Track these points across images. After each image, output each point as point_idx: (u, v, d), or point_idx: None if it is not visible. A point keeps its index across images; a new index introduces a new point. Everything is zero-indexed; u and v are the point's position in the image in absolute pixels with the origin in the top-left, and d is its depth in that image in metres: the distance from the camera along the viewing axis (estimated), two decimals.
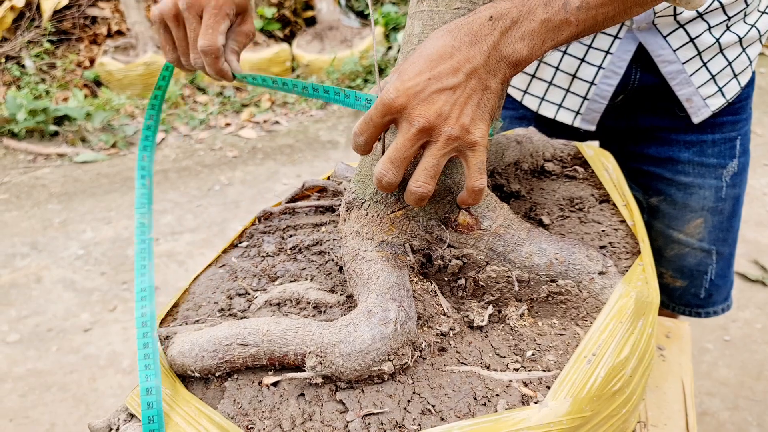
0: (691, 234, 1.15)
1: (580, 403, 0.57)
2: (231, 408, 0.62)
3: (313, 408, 0.60)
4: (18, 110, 3.56)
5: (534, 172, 0.93)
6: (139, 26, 4.36)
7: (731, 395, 1.94)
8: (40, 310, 2.38)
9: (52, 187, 3.28)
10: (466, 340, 0.67)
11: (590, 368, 0.59)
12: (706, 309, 1.24)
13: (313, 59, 4.49)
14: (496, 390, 0.60)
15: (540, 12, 0.60)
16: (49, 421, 1.91)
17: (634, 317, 0.64)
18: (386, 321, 0.61)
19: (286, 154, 3.64)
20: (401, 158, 0.61)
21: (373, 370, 0.60)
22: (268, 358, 0.63)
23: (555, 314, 0.69)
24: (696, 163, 1.09)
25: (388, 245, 0.70)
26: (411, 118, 0.59)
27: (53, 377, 2.08)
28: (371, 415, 0.58)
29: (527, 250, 0.70)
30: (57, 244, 2.78)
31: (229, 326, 0.65)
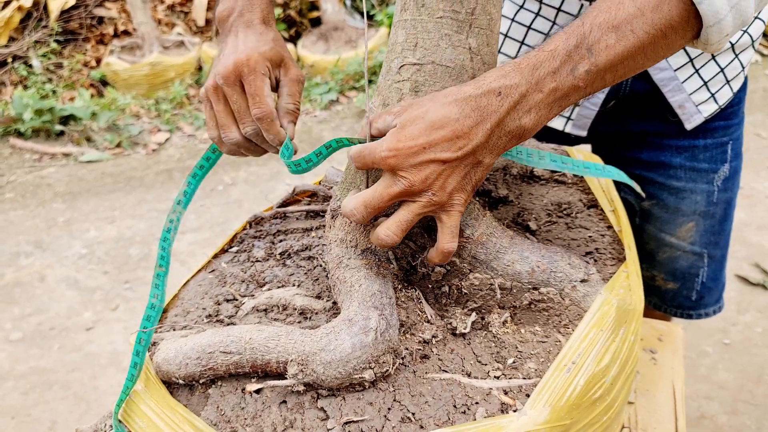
0: (682, 237, 1.15)
1: (560, 412, 0.58)
2: (214, 415, 0.63)
3: (294, 415, 0.61)
4: (24, 110, 3.59)
5: (523, 177, 0.93)
6: (145, 26, 4.39)
7: (730, 399, 1.94)
8: (43, 308, 2.40)
9: (57, 187, 3.31)
10: (449, 347, 0.68)
11: (570, 376, 0.59)
12: (698, 311, 1.25)
13: (318, 60, 4.50)
14: (476, 398, 0.60)
15: (548, 82, 0.60)
16: (50, 419, 1.93)
17: (615, 325, 0.64)
18: (367, 329, 0.61)
19: None
20: (376, 206, 0.63)
21: (353, 378, 0.61)
22: (250, 365, 0.64)
23: (538, 321, 0.70)
24: (688, 168, 1.10)
25: (372, 253, 0.71)
26: (397, 178, 0.61)
27: (55, 375, 2.10)
28: (351, 423, 0.59)
29: (509, 258, 0.70)
30: (61, 243, 2.81)
31: (213, 334, 0.66)
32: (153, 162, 3.57)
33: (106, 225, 2.95)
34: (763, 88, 4.48)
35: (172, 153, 3.68)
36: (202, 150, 3.70)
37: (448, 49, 0.69)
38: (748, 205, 3.00)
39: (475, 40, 0.69)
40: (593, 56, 0.60)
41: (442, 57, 0.69)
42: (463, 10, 0.67)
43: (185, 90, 4.26)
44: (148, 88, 4.29)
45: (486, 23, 0.69)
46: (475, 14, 0.68)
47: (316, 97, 4.32)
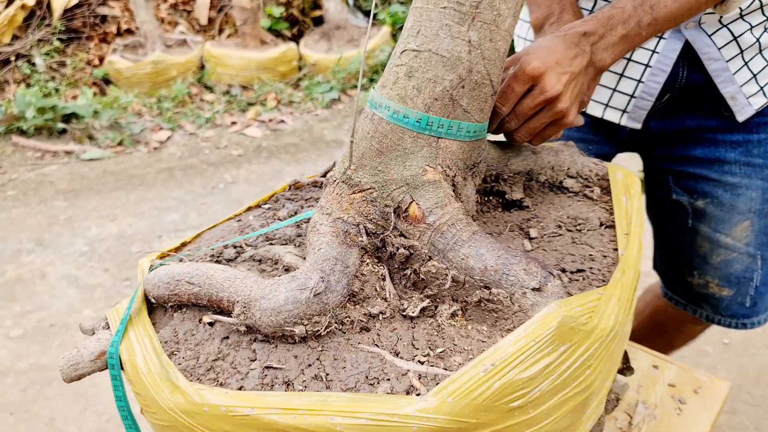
0: (738, 238, 1.13)
1: (463, 408, 0.57)
2: (169, 335, 0.71)
3: (229, 350, 0.68)
4: (27, 108, 3.60)
5: (552, 186, 0.92)
6: (147, 25, 4.40)
7: (729, 399, 1.93)
8: (44, 305, 2.41)
9: (59, 184, 3.32)
10: (392, 327, 0.70)
11: (485, 377, 0.58)
12: (752, 319, 1.22)
13: (320, 58, 4.50)
14: (389, 375, 0.62)
15: (620, 29, 0.80)
16: (49, 415, 1.94)
17: (555, 340, 0.60)
18: (303, 287, 0.66)
19: (291, 153, 3.66)
20: (524, 114, 0.80)
21: (285, 330, 0.66)
22: (207, 299, 0.71)
23: (486, 321, 0.69)
24: (742, 163, 1.10)
25: (343, 222, 0.74)
26: (544, 85, 0.77)
27: (55, 372, 2.10)
28: (271, 368, 0.64)
29: (465, 252, 0.70)
30: (62, 241, 2.82)
31: (186, 265, 0.73)
32: (154, 160, 3.58)
33: (108, 223, 2.96)
34: None
35: (174, 151, 3.69)
36: (204, 148, 3.71)
37: (446, 39, 0.70)
38: None
39: (477, 34, 0.70)
40: (654, 12, 0.80)
41: (439, 46, 0.70)
42: (468, 3, 0.68)
43: (187, 88, 4.27)
44: (151, 87, 4.30)
45: (491, 18, 0.69)
46: (480, 8, 0.69)
47: (317, 95, 4.33)
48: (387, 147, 0.74)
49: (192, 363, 0.67)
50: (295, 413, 0.57)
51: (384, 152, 0.74)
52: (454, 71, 0.71)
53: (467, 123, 0.74)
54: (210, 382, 0.64)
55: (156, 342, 0.69)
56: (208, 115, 4.05)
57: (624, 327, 0.73)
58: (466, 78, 0.71)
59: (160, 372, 0.65)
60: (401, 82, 0.73)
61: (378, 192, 0.74)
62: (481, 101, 0.74)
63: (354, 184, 0.75)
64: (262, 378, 0.63)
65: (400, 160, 0.74)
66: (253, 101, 4.26)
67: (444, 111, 0.73)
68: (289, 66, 4.54)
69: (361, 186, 0.74)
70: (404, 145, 0.74)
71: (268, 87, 4.33)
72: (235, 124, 3.99)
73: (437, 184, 0.74)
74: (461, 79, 0.71)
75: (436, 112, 0.73)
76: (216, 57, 4.41)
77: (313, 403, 0.57)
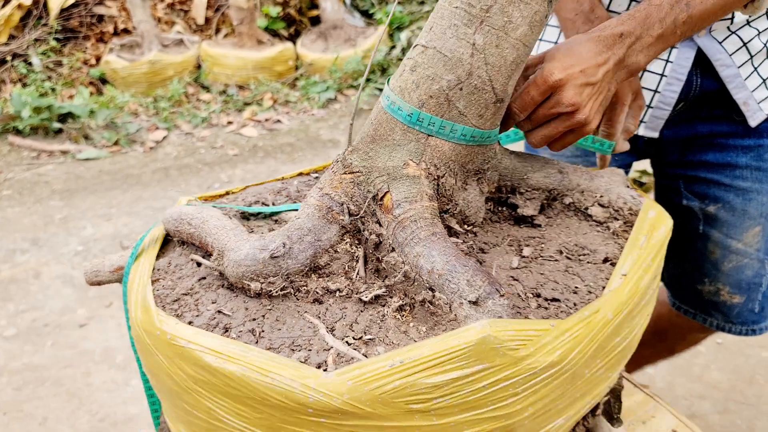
0: (749, 243, 1.14)
1: (361, 394, 0.57)
2: (163, 264, 0.79)
3: (200, 289, 0.74)
4: (23, 107, 3.60)
5: (577, 210, 0.89)
6: (144, 25, 4.40)
7: (722, 399, 1.94)
8: (38, 305, 2.41)
9: (55, 184, 3.31)
10: (343, 305, 0.72)
11: (389, 371, 0.58)
12: (760, 325, 1.22)
13: (317, 58, 4.50)
14: (313, 347, 0.65)
15: (656, 28, 0.78)
16: (42, 415, 1.93)
17: (471, 356, 0.59)
18: (264, 248, 0.70)
19: (287, 152, 3.66)
20: (539, 120, 0.79)
21: (244, 282, 0.70)
22: (199, 241, 0.77)
23: (427, 322, 0.69)
24: (754, 168, 1.10)
25: (330, 199, 0.77)
26: (562, 99, 0.76)
27: (48, 372, 2.10)
28: (221, 313, 0.69)
29: (418, 251, 0.70)
30: (57, 240, 2.82)
31: (194, 208, 0.80)
32: (150, 160, 3.58)
33: (103, 222, 2.96)
34: None
35: (170, 151, 3.69)
36: (199, 148, 3.71)
37: (451, 39, 0.70)
38: None
39: (483, 38, 0.69)
40: (690, 9, 0.78)
41: (443, 45, 0.70)
42: (479, 6, 0.68)
43: (183, 88, 4.27)
44: (147, 86, 4.30)
45: (501, 24, 0.69)
46: (490, 12, 0.68)
47: (314, 95, 4.33)
48: (380, 135, 0.76)
49: (166, 292, 0.74)
50: (217, 356, 0.62)
51: (376, 140, 0.76)
52: (453, 72, 0.70)
53: (462, 126, 0.73)
54: (170, 312, 0.70)
55: (150, 268, 0.77)
56: (204, 114, 4.05)
57: (588, 369, 0.70)
58: (465, 80, 0.71)
59: (142, 293, 0.73)
60: (405, 75, 0.74)
61: (364, 176, 0.77)
62: (480, 107, 0.73)
63: (346, 165, 0.77)
64: (211, 320, 0.68)
65: (388, 149, 0.75)
66: (249, 101, 4.25)
67: (438, 110, 0.73)
68: (286, 66, 4.54)
69: (352, 168, 0.77)
70: (394, 136, 0.75)
71: (264, 87, 4.33)
72: (231, 124, 3.99)
73: (415, 180, 0.74)
74: (459, 80, 0.71)
75: (429, 110, 0.73)
76: (213, 57, 4.40)
77: (235, 352, 0.62)
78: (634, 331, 0.80)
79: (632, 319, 0.77)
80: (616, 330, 0.73)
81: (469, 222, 0.84)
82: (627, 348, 0.80)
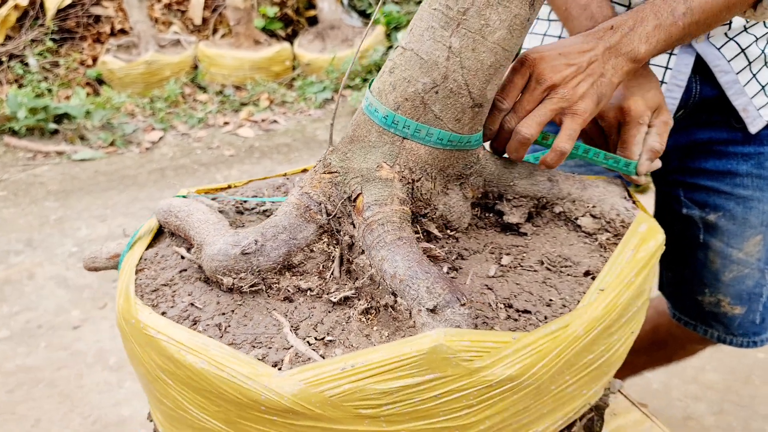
0: (750, 253, 1.12)
1: (310, 396, 0.58)
2: (150, 254, 0.80)
3: (179, 281, 0.74)
4: (19, 108, 3.59)
5: (567, 220, 0.86)
6: (141, 25, 4.39)
7: (717, 399, 1.93)
8: (31, 306, 2.40)
9: (50, 185, 3.31)
10: (312, 305, 0.72)
11: (340, 374, 0.58)
12: (761, 336, 1.20)
13: (314, 58, 4.49)
14: (274, 345, 0.65)
15: (652, 19, 0.78)
16: (35, 417, 1.93)
17: (423, 365, 0.58)
18: (236, 244, 0.71)
19: (283, 153, 3.65)
20: (523, 110, 0.77)
21: (217, 277, 0.71)
22: (183, 233, 0.78)
23: (389, 327, 0.68)
24: (754, 176, 1.09)
25: (308, 198, 0.76)
26: (539, 74, 0.75)
27: (42, 373, 2.09)
28: (193, 306, 0.70)
29: (383, 254, 0.69)
30: (52, 241, 2.81)
31: (183, 201, 0.81)
32: (146, 160, 3.58)
33: (98, 223, 2.95)
34: None
35: (166, 151, 3.68)
36: (196, 148, 3.70)
37: (428, 41, 0.69)
38: None
39: (459, 41, 0.68)
40: (688, 2, 0.78)
41: (420, 47, 0.69)
42: (456, 8, 0.67)
43: (180, 89, 4.26)
44: (144, 87, 4.29)
45: (477, 27, 0.67)
46: (466, 15, 0.67)
47: (310, 95, 4.32)
48: (357, 136, 0.75)
49: (148, 282, 0.75)
50: (180, 347, 0.63)
51: (354, 141, 0.76)
52: (428, 75, 0.69)
53: (438, 130, 0.73)
54: (148, 301, 0.71)
55: (138, 255, 0.79)
56: (200, 115, 4.04)
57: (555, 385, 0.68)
58: (440, 84, 0.70)
59: (127, 282, 0.74)
60: (384, 77, 0.73)
61: (341, 177, 0.76)
62: (457, 111, 0.72)
63: (326, 165, 0.78)
64: (183, 311, 0.69)
65: (363, 151, 0.75)
66: (246, 101, 4.25)
67: (413, 113, 0.72)
68: (283, 66, 4.53)
69: (331, 168, 0.77)
70: (370, 138, 0.74)
71: (261, 87, 4.32)
72: (228, 125, 3.98)
73: (387, 183, 0.74)
74: (435, 84, 0.70)
75: (404, 112, 0.72)
76: (209, 57, 4.40)
77: (197, 345, 0.63)
78: (613, 347, 0.77)
79: (610, 335, 0.74)
80: (588, 346, 0.71)
81: (452, 227, 0.83)
82: (605, 365, 0.77)
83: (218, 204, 0.88)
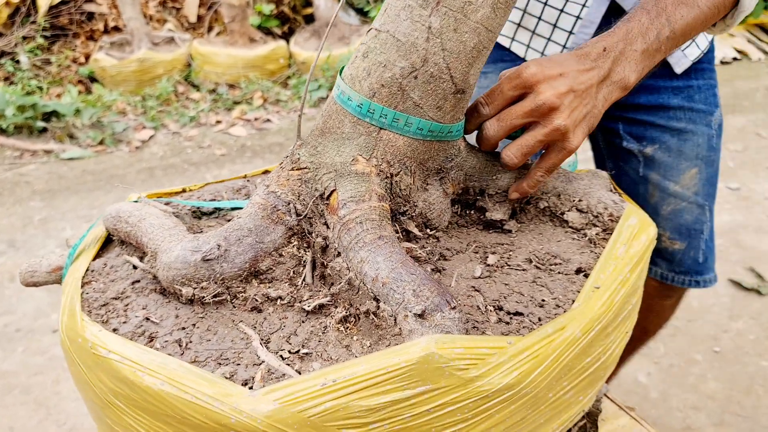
0: (686, 186, 1.14)
1: (287, 417, 0.52)
2: (98, 266, 0.73)
3: (131, 294, 0.68)
4: (7, 106, 3.53)
5: (552, 216, 0.82)
6: (134, 22, 4.32)
7: (718, 410, 1.85)
8: (10, 309, 2.33)
9: (36, 184, 3.24)
10: (284, 315, 0.66)
11: (320, 391, 0.52)
12: (704, 276, 1.22)
13: (310, 56, 4.42)
14: (243, 360, 0.59)
15: (640, 43, 0.75)
16: (8, 425, 1.86)
17: (413, 376, 0.53)
18: (195, 250, 0.65)
19: (275, 152, 3.58)
20: (508, 121, 0.72)
21: (174, 287, 0.65)
22: (135, 241, 0.72)
23: (372, 336, 0.61)
24: (686, 109, 1.12)
25: (275, 197, 0.70)
26: (537, 93, 0.69)
27: (17, 379, 2.03)
28: (149, 321, 0.64)
29: (362, 256, 0.64)
30: (35, 242, 2.74)
31: (133, 205, 0.74)
32: (135, 160, 3.51)
33: (83, 224, 2.88)
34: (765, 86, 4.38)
35: (156, 150, 3.61)
36: (186, 147, 3.63)
37: (405, 21, 0.63)
38: (746, 206, 2.90)
39: (439, 21, 0.62)
40: (671, 24, 0.77)
41: (396, 29, 0.63)
42: (426, 12, 0.61)
43: (173, 87, 4.20)
44: (136, 85, 4.22)
45: (459, 6, 0.62)
46: None
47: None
48: (329, 128, 0.70)
49: (96, 295, 0.68)
50: (135, 367, 0.57)
51: (325, 133, 0.70)
52: (406, 58, 0.64)
53: (418, 119, 0.67)
54: (97, 317, 0.65)
55: (83, 270, 0.72)
56: (192, 113, 3.97)
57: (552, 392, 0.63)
58: (419, 68, 0.64)
59: (72, 296, 0.68)
60: (357, 62, 0.67)
61: (312, 173, 0.70)
62: (438, 97, 0.66)
63: (294, 161, 0.72)
64: (137, 327, 0.63)
65: (336, 144, 0.69)
66: (239, 100, 4.18)
67: (391, 100, 0.66)
68: (278, 64, 4.46)
69: (300, 164, 0.71)
70: (343, 129, 0.68)
71: (255, 85, 4.26)
72: (220, 123, 3.91)
73: (364, 177, 0.67)
74: (414, 68, 0.64)
75: (381, 100, 0.66)
76: (203, 55, 4.33)
77: (154, 364, 0.57)
78: (609, 349, 0.72)
79: (606, 336, 0.70)
80: (586, 349, 0.66)
81: (432, 225, 0.77)
82: (601, 368, 0.72)
83: (172, 209, 0.81)
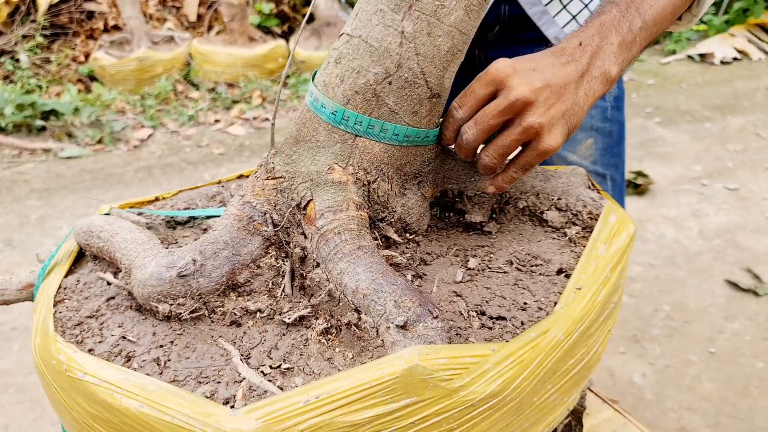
0: (583, 155, 1.17)
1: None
2: (71, 282, 0.71)
3: (106, 311, 0.66)
4: (5, 105, 3.53)
5: (531, 215, 0.81)
6: (133, 21, 4.32)
7: (713, 412, 1.84)
8: (6, 308, 2.33)
9: (34, 183, 3.24)
10: (264, 328, 0.65)
11: (303, 408, 0.51)
12: None
13: (309, 56, 4.42)
14: (223, 378, 0.58)
15: (615, 36, 0.73)
16: (3, 423, 1.86)
17: (397, 389, 0.53)
18: (171, 266, 0.63)
19: None
20: (485, 123, 0.68)
21: (150, 304, 0.64)
22: (108, 256, 0.70)
23: (354, 348, 0.61)
24: None
25: (251, 207, 0.69)
26: (509, 89, 0.66)
27: (13, 378, 2.03)
28: (125, 339, 0.63)
29: (342, 267, 0.63)
30: (32, 241, 2.74)
31: (106, 219, 0.72)
32: (134, 159, 3.51)
33: None
34: (765, 86, 4.36)
35: (154, 149, 3.61)
36: (185, 146, 3.63)
37: (378, 26, 0.62)
38: (744, 207, 2.89)
39: (412, 25, 0.61)
40: (642, 15, 0.76)
41: (369, 33, 0.63)
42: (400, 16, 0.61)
43: (172, 86, 4.19)
44: (136, 84, 4.22)
45: (432, 9, 0.61)
46: None
47: (304, 93, 4.24)
48: (303, 136, 0.69)
49: (69, 314, 0.67)
50: (113, 389, 0.56)
51: (300, 141, 0.69)
52: (380, 64, 0.63)
53: (394, 125, 0.66)
54: (71, 338, 0.63)
55: (56, 286, 0.70)
56: (191, 112, 3.97)
57: (537, 396, 0.62)
58: (393, 73, 0.64)
59: (44, 315, 0.66)
60: (329, 68, 0.67)
61: (288, 182, 0.69)
62: (413, 102, 0.66)
63: (269, 170, 0.71)
64: (114, 347, 0.62)
65: (311, 152, 0.68)
66: (238, 99, 4.18)
67: (366, 107, 0.65)
68: (277, 63, 4.46)
69: (275, 173, 0.70)
70: (318, 137, 0.68)
71: (253, 84, 4.25)
72: (219, 122, 3.91)
73: (341, 186, 0.67)
74: (388, 73, 0.64)
75: (355, 107, 0.65)
76: (202, 54, 4.33)
77: (132, 385, 0.56)
78: (593, 349, 0.72)
79: (589, 337, 0.69)
80: (570, 351, 0.65)
81: (412, 230, 0.77)
82: (585, 368, 0.72)
83: (146, 219, 0.81)
